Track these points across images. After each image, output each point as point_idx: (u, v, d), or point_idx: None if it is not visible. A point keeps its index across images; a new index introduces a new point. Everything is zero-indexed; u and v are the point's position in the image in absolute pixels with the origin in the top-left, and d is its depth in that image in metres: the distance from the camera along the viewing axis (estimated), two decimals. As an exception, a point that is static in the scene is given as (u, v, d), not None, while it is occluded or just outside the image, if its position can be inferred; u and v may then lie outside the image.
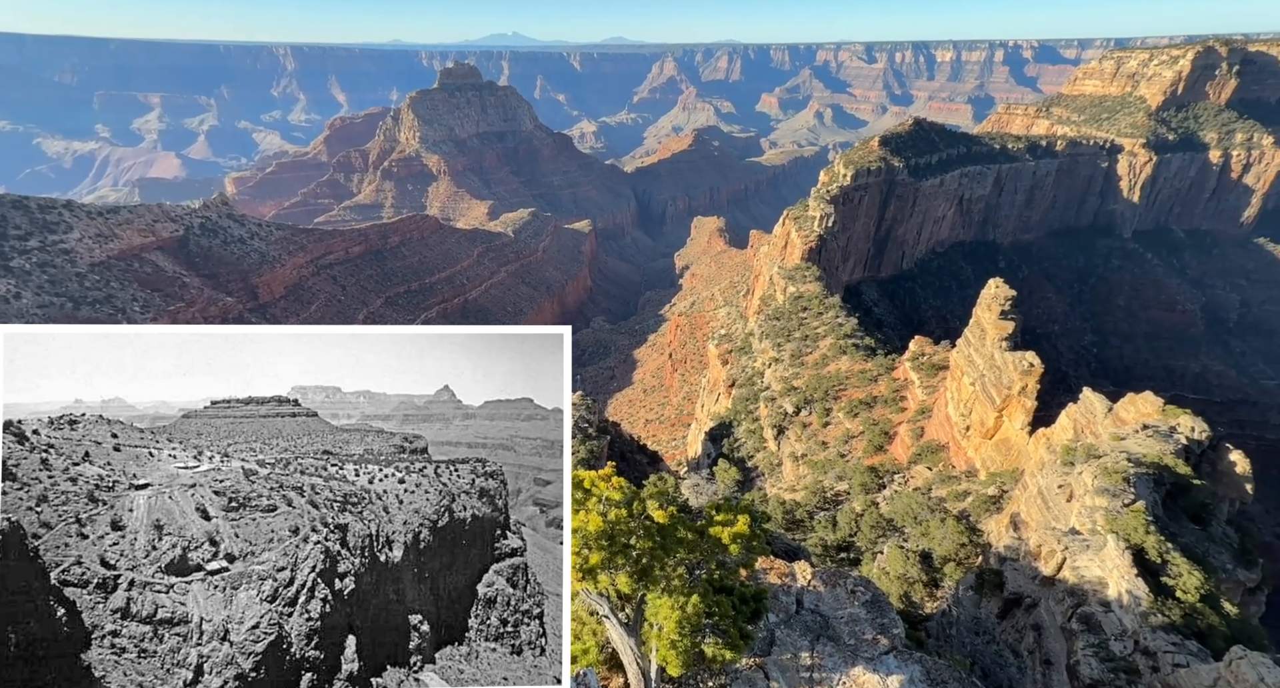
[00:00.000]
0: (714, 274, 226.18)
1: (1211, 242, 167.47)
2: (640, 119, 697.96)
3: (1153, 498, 29.43)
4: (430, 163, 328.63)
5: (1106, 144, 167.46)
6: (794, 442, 73.37)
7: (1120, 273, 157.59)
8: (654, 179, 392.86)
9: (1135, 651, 21.62)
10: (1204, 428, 34.85)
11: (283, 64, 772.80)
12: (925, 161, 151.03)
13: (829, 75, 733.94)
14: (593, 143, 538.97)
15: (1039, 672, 24.67)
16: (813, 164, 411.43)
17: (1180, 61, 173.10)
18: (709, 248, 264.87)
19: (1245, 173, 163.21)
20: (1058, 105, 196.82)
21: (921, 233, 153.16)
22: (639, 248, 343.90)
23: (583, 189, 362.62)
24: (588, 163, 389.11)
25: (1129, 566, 24.20)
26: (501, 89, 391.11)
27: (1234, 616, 23.29)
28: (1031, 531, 31.50)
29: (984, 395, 52.98)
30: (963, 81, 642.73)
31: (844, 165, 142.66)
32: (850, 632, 13.03)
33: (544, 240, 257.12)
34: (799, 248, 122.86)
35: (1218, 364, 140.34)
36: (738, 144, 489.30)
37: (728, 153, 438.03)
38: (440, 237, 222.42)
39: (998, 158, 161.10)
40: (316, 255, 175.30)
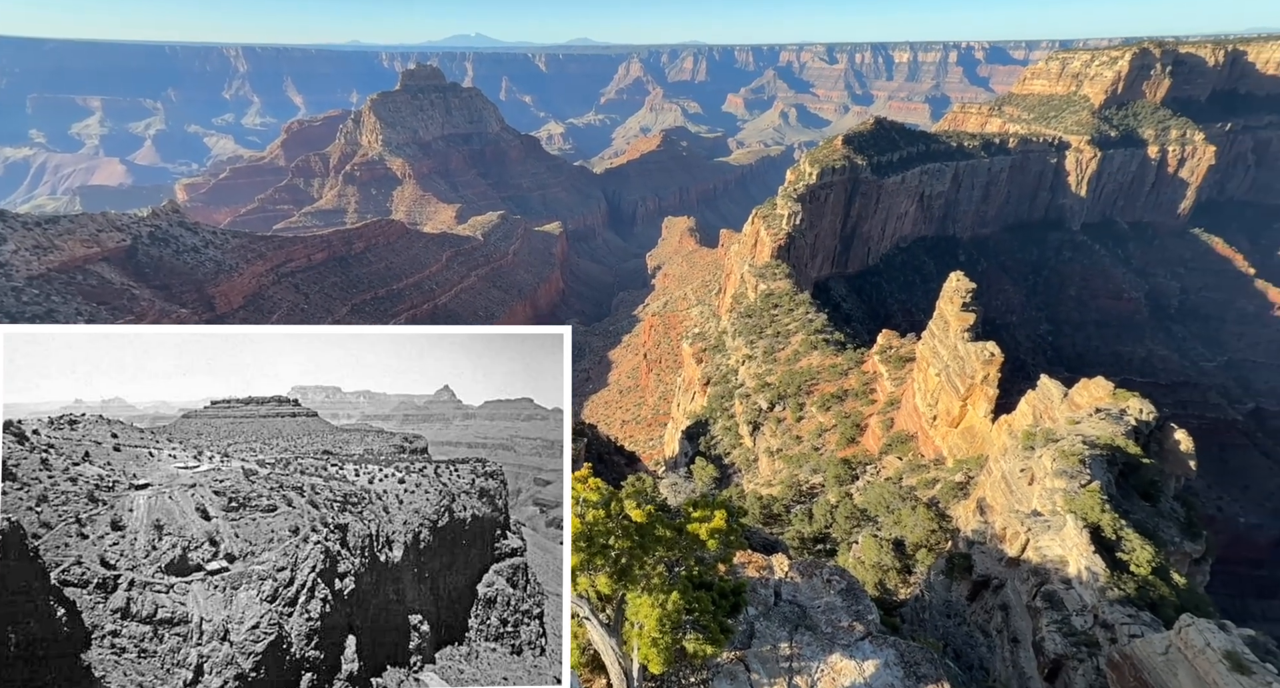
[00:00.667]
0: (686, 274, 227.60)
1: (1152, 233, 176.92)
2: (608, 120, 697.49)
3: (1107, 478, 30.88)
4: (394, 166, 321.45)
5: (1055, 141, 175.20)
6: (769, 437, 74.41)
7: (1071, 264, 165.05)
8: (624, 180, 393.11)
9: (1095, 624, 22.68)
10: (1151, 410, 36.79)
11: (234, 65, 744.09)
12: (887, 160, 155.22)
13: (792, 76, 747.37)
14: (561, 144, 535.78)
15: (1007, 650, 25.61)
16: (779, 163, 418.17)
17: (1119, 62, 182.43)
18: (680, 248, 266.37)
19: (1180, 167, 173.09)
20: (1009, 104, 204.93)
21: (885, 229, 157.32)
22: (611, 249, 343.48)
23: (552, 191, 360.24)
24: (556, 164, 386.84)
25: (1087, 543, 25.38)
26: (466, 90, 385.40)
27: (1182, 586, 24.66)
28: (997, 514, 32.72)
29: (949, 385, 54.75)
30: (920, 82, 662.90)
31: (809, 164, 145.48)
32: (827, 620, 13.33)
33: (514, 243, 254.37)
34: (768, 246, 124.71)
35: (1161, 349, 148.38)
36: (705, 144, 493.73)
37: (696, 153, 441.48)
38: (407, 241, 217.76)
39: (955, 155, 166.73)
40: (276, 263, 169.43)
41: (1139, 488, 32.85)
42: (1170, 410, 41.66)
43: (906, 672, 12.14)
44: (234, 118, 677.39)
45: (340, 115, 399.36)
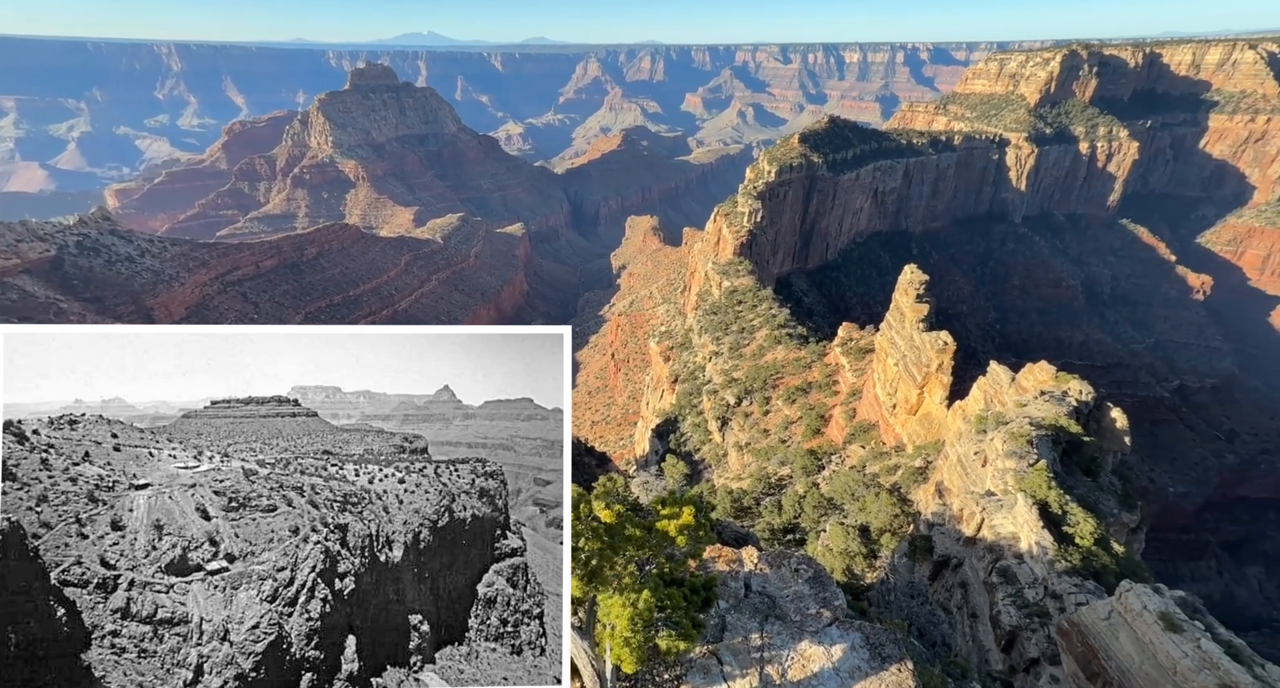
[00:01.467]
0: (651, 273, 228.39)
1: (1086, 224, 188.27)
2: (567, 120, 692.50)
3: (1052, 457, 32.67)
4: (347, 168, 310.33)
5: (996, 138, 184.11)
6: (737, 432, 75.55)
7: (1014, 255, 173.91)
8: (585, 180, 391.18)
9: (1045, 596, 24.05)
10: (1089, 390, 39.10)
11: (166, 64, 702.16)
12: (842, 157, 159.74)
13: (748, 75, 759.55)
14: (520, 144, 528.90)
15: (967, 625, 26.84)
16: (739, 162, 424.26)
17: (1051, 64, 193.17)
18: (644, 247, 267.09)
19: (1108, 162, 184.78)
20: (953, 103, 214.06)
21: (843, 224, 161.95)
22: (574, 249, 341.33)
23: (513, 192, 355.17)
24: (516, 165, 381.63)
25: (1036, 520, 26.86)
26: (420, 90, 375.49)
27: (1121, 554, 26.40)
28: (954, 496, 34.22)
29: (906, 374, 56.82)
30: (870, 81, 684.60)
31: (768, 162, 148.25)
32: (796, 609, 13.70)
33: (475, 245, 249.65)
34: (731, 243, 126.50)
35: (1097, 333, 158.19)
36: (666, 143, 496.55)
37: (656, 152, 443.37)
38: (363, 246, 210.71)
39: (905, 153, 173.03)
40: (222, 271, 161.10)
41: (1081, 464, 34.93)
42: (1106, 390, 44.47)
43: (872, 654, 12.60)
44: (169, 119, 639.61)
45: (286, 116, 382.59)
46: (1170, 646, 17.26)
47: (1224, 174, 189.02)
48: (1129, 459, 37.87)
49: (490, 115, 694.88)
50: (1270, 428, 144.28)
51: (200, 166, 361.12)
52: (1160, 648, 17.46)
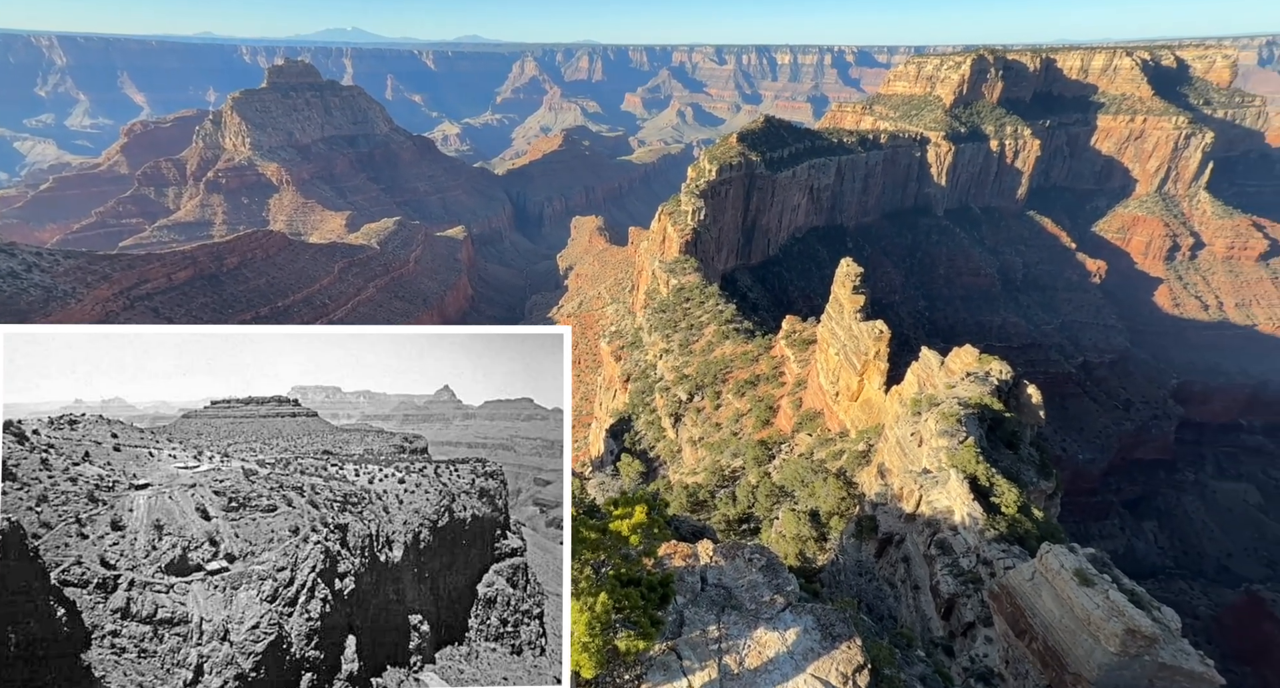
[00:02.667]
0: (598, 273, 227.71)
1: (999, 216, 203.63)
2: (506, 120, 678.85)
3: (979, 433, 35.11)
4: (269, 172, 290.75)
5: (917, 137, 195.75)
6: (690, 427, 76.67)
7: (938, 247, 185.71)
8: (527, 181, 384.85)
9: (978, 563, 25.87)
10: (1008, 370, 42.29)
11: (49, 57, 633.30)
12: (778, 155, 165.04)
13: (686, 75, 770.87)
14: (458, 145, 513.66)
15: (910, 597, 28.46)
16: (680, 161, 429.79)
17: (962, 67, 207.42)
18: (590, 247, 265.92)
19: (1015, 159, 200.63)
20: (878, 104, 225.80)
21: (782, 221, 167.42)
22: (519, 251, 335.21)
23: (452, 194, 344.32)
24: (455, 166, 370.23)
25: (967, 493, 28.83)
26: (347, 89, 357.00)
27: (1041, 519, 28.76)
28: (894, 476, 36.18)
29: (847, 363, 59.49)
30: (801, 82, 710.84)
31: (709, 161, 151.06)
32: (751, 597, 14.10)
33: (415, 250, 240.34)
34: (676, 241, 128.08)
35: (1012, 316, 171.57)
36: (607, 143, 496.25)
37: (598, 152, 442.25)
38: (291, 253, 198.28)
39: (837, 151, 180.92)
40: (127, 285, 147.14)
41: (1003, 439, 37.74)
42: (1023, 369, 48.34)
43: (823, 634, 13.10)
44: (54, 119, 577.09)
45: (195, 116, 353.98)
46: (1084, 598, 19.00)
47: (1112, 168, 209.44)
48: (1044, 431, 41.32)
49: (424, 115, 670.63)
50: (1158, 396, 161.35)
51: (96, 171, 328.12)
52: (1076, 602, 19.18)
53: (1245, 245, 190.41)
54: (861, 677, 12.43)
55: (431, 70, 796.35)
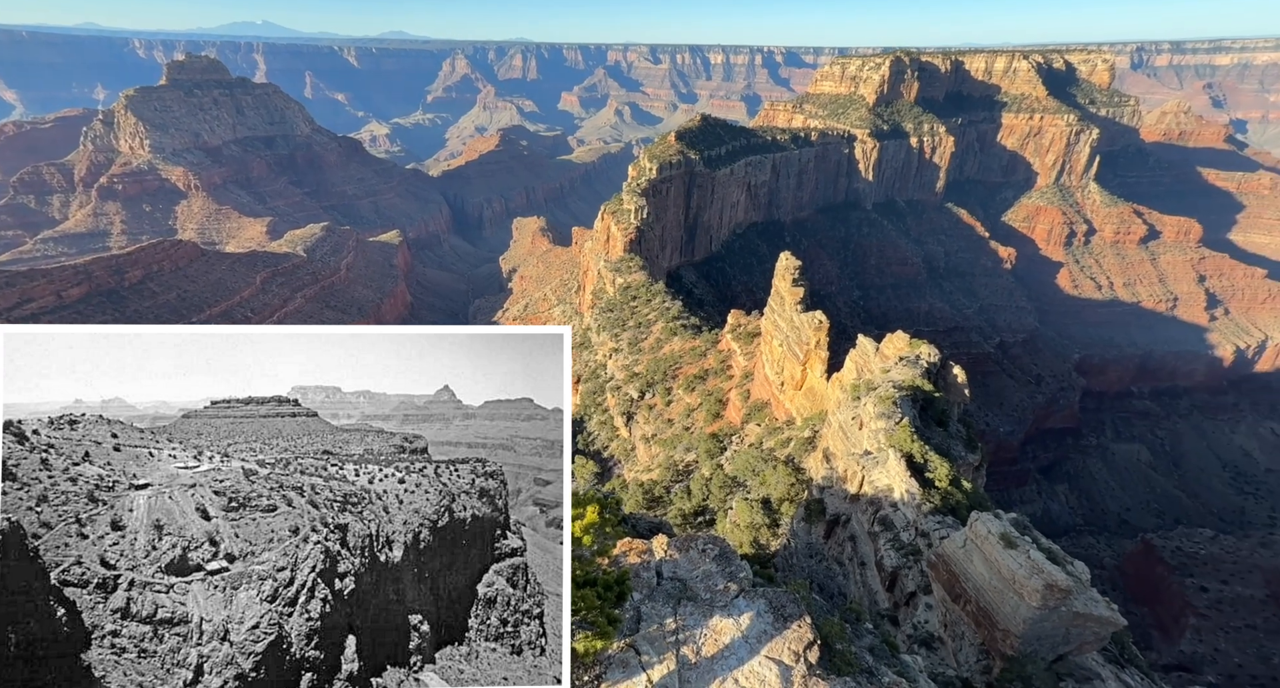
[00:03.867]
0: (543, 274, 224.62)
1: (921, 208, 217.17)
2: (439, 120, 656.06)
3: (913, 414, 37.38)
4: (174, 176, 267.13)
5: (845, 134, 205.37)
6: (643, 425, 77.22)
7: (869, 238, 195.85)
8: (465, 182, 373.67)
9: (917, 536, 27.62)
10: (935, 353, 45.25)
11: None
12: (716, 153, 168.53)
13: (622, 75, 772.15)
14: (388, 146, 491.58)
15: (858, 574, 30.01)
16: (620, 160, 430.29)
17: (882, 68, 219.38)
18: (534, 248, 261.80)
19: (933, 154, 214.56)
20: (808, 103, 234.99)
21: (723, 217, 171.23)
22: (459, 255, 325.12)
23: (385, 197, 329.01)
24: (386, 168, 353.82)
25: (904, 470, 30.69)
26: (261, 87, 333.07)
27: (970, 490, 31.04)
28: (839, 459, 37.95)
29: (790, 353, 61.77)
30: (734, 82, 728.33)
31: (649, 160, 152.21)
32: (706, 587, 14.47)
33: (346, 257, 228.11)
34: (620, 240, 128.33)
35: (938, 302, 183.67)
36: (546, 143, 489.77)
37: (537, 152, 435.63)
38: (204, 265, 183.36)
39: (771, 148, 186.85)
40: (6, 305, 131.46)
41: (934, 417, 40.39)
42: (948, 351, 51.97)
43: (775, 616, 13.59)
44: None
45: (82, 115, 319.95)
46: (1009, 559, 20.72)
47: (1016, 163, 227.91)
48: (969, 408, 44.56)
49: (349, 115, 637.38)
50: (1064, 370, 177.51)
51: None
52: (1002, 563, 20.89)
53: (1129, 231, 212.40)
54: (812, 653, 12.91)
55: (355, 67, 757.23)
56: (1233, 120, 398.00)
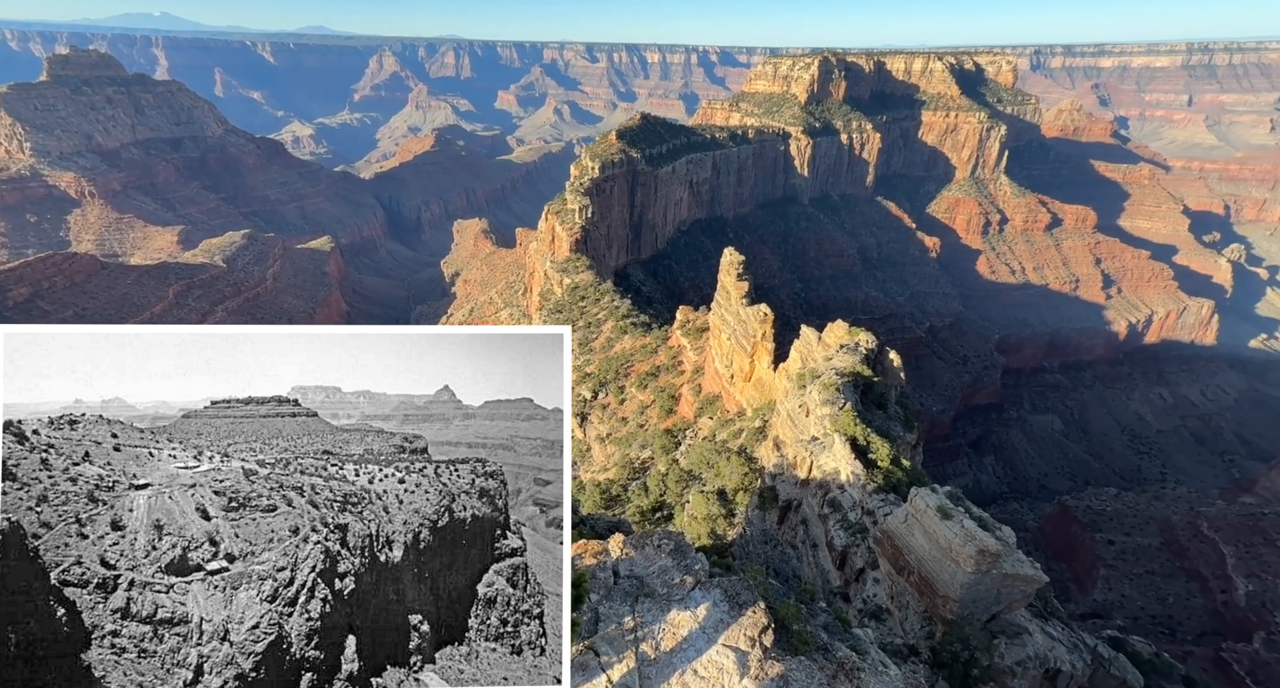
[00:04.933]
0: (488, 277, 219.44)
1: (853, 202, 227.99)
2: (368, 119, 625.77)
3: (854, 398, 39.35)
4: (63, 183, 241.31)
5: (780, 132, 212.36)
6: (598, 425, 77.17)
7: (807, 232, 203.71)
8: (400, 184, 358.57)
9: (863, 515, 29.21)
10: (873, 339, 47.81)
11: None
12: (657, 151, 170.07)
13: (559, 73, 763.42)
14: (313, 147, 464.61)
15: (810, 555, 31.41)
16: (562, 159, 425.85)
17: (811, 68, 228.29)
18: (477, 251, 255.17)
19: (862, 150, 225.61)
20: (744, 101, 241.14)
21: (667, 215, 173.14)
22: (397, 260, 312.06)
23: (312, 201, 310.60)
24: (312, 171, 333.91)
25: (849, 453, 32.35)
26: (163, 84, 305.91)
27: (909, 468, 33.09)
28: (788, 447, 39.46)
29: (738, 346, 63.47)
30: (672, 81, 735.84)
31: (590, 159, 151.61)
32: (662, 582, 14.65)
33: (272, 265, 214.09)
34: (566, 240, 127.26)
35: (873, 291, 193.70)
36: (484, 143, 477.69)
37: (476, 152, 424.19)
38: (106, 279, 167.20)
39: (711, 146, 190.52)
40: None
41: (874, 401, 42.71)
42: (884, 337, 55.15)
43: (731, 604, 13.94)
44: None
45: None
46: (945, 530, 22.35)
47: (936, 157, 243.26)
48: (906, 390, 47.38)
49: (268, 115, 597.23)
50: (986, 350, 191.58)
51: None
52: (940, 533, 22.51)
53: (1036, 219, 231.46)
54: (767, 637, 13.31)
55: (271, 64, 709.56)
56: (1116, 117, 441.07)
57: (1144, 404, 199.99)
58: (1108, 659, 25.47)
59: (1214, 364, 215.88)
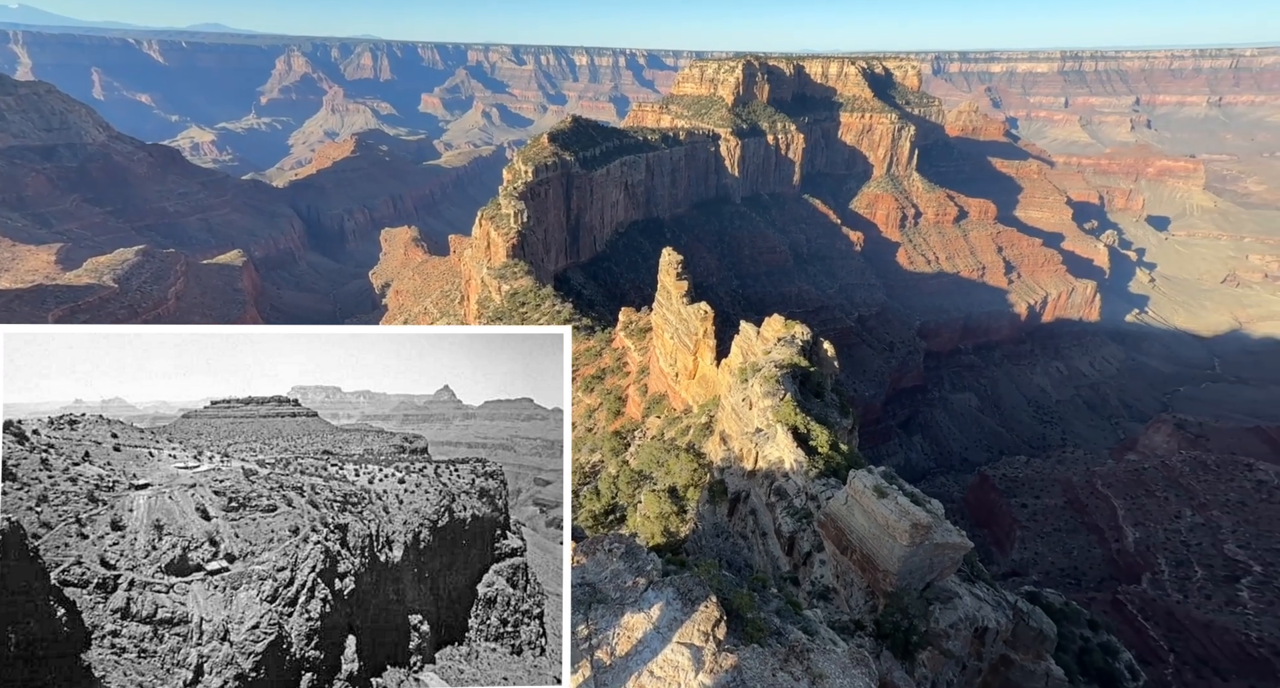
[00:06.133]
0: (421, 287, 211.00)
1: (783, 200, 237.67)
2: (278, 124, 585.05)
3: (794, 389, 41.05)
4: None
5: (710, 133, 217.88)
6: (548, 432, 76.18)
7: (741, 230, 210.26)
8: (318, 193, 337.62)
9: (808, 500, 30.60)
10: (807, 331, 50.04)
11: None
12: (591, 154, 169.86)
13: (485, 75, 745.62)
14: (216, 155, 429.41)
15: (760, 544, 32.52)
16: (493, 163, 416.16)
17: (736, 71, 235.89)
18: (408, 260, 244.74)
19: (788, 150, 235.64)
20: (673, 103, 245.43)
21: (604, 217, 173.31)
22: (320, 273, 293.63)
23: (218, 213, 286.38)
24: (217, 180, 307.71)
25: (791, 442, 33.73)
26: (26, 85, 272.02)
27: (847, 452, 34.91)
28: (734, 440, 40.62)
29: (681, 344, 64.60)
30: (601, 83, 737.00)
31: (523, 163, 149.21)
32: (615, 587, 14.61)
33: (174, 284, 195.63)
34: (502, 246, 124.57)
35: (805, 285, 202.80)
36: (410, 148, 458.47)
37: (401, 157, 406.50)
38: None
39: (644, 148, 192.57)
40: None
41: (812, 390, 44.72)
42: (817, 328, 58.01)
43: (683, 601, 14.08)
44: None
45: None
46: (881, 508, 23.82)
47: (855, 156, 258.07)
48: (840, 378, 49.91)
49: (160, 120, 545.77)
50: (909, 336, 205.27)
51: None
52: (877, 512, 23.96)
53: (945, 212, 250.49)
54: (720, 630, 13.53)
55: (161, 64, 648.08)
56: (1008, 118, 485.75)
57: (1045, 377, 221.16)
58: (1026, 613, 28.06)
59: (1099, 338, 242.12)
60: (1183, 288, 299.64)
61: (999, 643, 26.00)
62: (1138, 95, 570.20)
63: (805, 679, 13.34)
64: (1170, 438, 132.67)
